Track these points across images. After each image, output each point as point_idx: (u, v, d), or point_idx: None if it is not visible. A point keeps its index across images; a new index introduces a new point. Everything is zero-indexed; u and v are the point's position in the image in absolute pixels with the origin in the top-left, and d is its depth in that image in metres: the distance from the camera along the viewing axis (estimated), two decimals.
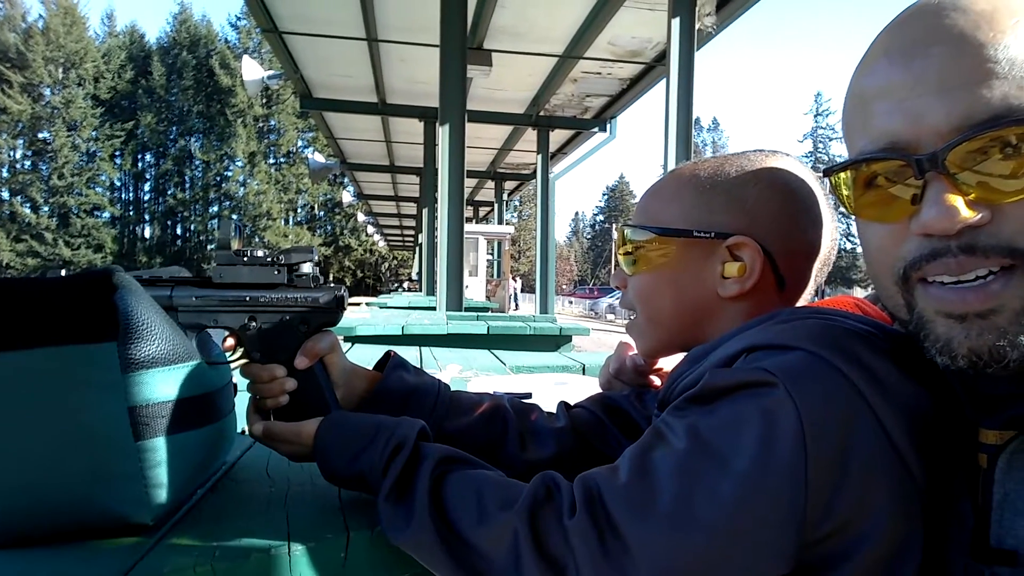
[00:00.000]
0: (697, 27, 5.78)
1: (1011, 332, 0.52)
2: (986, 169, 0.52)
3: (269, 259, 0.82)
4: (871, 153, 0.57)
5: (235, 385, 0.90)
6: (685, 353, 0.80)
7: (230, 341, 0.85)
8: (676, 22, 5.75)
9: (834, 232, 0.80)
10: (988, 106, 0.51)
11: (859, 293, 0.76)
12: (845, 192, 0.62)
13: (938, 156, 0.52)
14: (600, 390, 1.04)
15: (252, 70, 10.19)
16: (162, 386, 0.70)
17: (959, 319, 0.54)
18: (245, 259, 0.82)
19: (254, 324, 0.83)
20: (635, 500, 0.58)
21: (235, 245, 0.83)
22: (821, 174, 0.76)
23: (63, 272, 0.76)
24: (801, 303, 0.80)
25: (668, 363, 0.95)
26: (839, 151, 68.18)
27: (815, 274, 0.79)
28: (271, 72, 10.36)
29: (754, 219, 0.75)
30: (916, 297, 0.57)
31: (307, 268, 0.84)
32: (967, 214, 0.52)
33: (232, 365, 0.86)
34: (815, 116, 73.63)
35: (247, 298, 0.82)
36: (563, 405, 0.98)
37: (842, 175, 0.61)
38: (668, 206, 0.80)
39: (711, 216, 0.76)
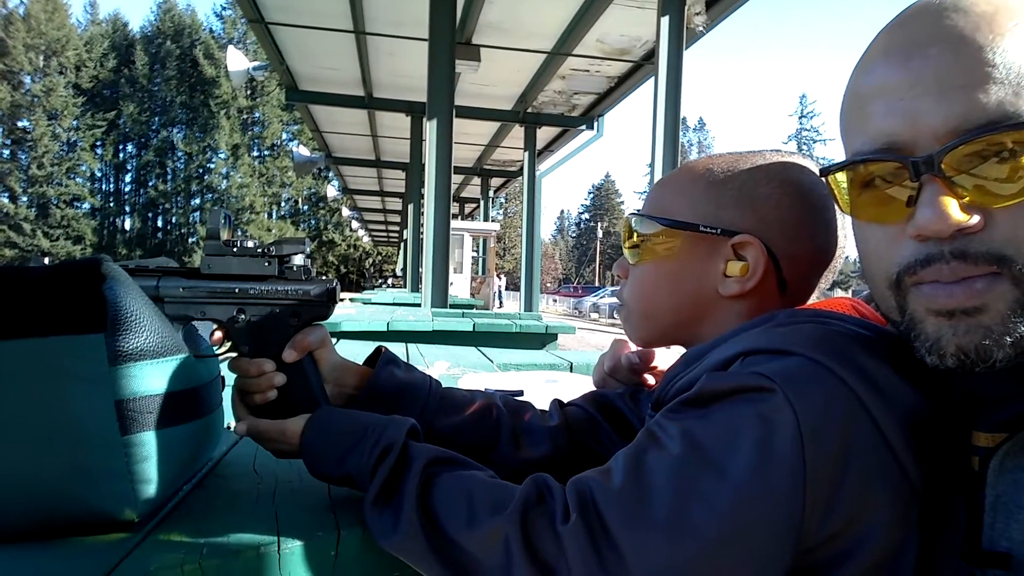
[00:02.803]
0: (687, 26, 5.79)
1: (996, 332, 0.52)
2: (981, 173, 0.52)
3: (260, 250, 0.81)
4: (867, 154, 0.57)
5: (223, 379, 0.88)
6: (682, 350, 0.79)
7: (218, 334, 0.83)
8: (665, 20, 5.75)
9: (843, 240, 0.78)
10: (984, 110, 0.50)
11: (839, 295, 0.76)
12: (841, 193, 0.61)
13: (934, 159, 0.52)
14: (593, 388, 1.03)
15: (237, 61, 10.09)
16: (150, 379, 0.69)
17: (948, 316, 0.54)
18: (235, 250, 0.80)
19: (243, 316, 0.81)
20: (630, 506, 0.57)
21: (225, 235, 0.81)
22: (818, 174, 0.75)
23: (47, 261, 0.74)
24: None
25: (664, 362, 0.94)
26: (823, 153, 68.98)
27: (820, 281, 0.78)
28: (256, 63, 10.26)
29: (762, 219, 0.74)
30: (908, 300, 0.57)
31: (299, 260, 0.82)
32: (961, 217, 0.52)
33: (220, 358, 0.84)
34: (800, 118, 74.26)
35: (236, 290, 0.80)
36: (556, 403, 0.97)
37: (839, 175, 0.61)
38: (677, 199, 0.79)
39: (719, 212, 0.75)
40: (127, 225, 58.73)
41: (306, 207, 60.56)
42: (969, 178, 0.52)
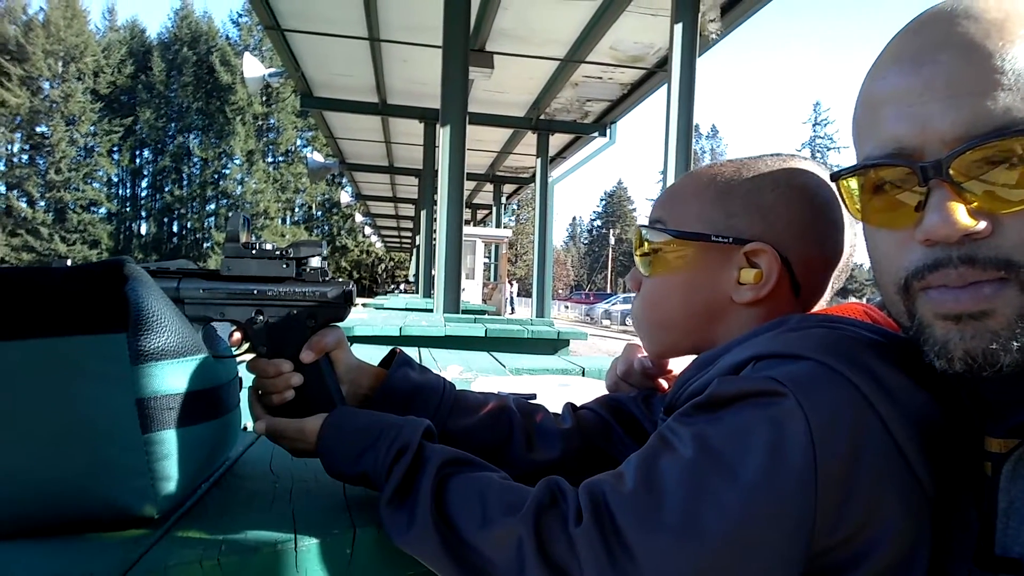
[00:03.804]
0: (703, 33, 5.78)
1: (1003, 337, 0.52)
2: (990, 178, 0.52)
3: (278, 252, 0.82)
4: (877, 158, 0.57)
5: (240, 380, 0.89)
6: (694, 356, 0.79)
7: (236, 335, 0.84)
8: (679, 28, 5.75)
9: (852, 239, 0.78)
10: (992, 116, 0.51)
11: (853, 302, 0.78)
12: (851, 198, 0.62)
13: (942, 164, 0.53)
14: (606, 392, 1.03)
15: (253, 67, 10.17)
16: (171, 379, 0.70)
17: (955, 320, 0.54)
18: (253, 252, 0.82)
19: (261, 318, 0.82)
20: (642, 509, 0.57)
21: (244, 238, 0.82)
22: (822, 176, 0.76)
23: (69, 263, 0.76)
24: (813, 309, 0.79)
25: (677, 366, 0.95)
26: (837, 161, 68.54)
27: (831, 281, 0.79)
28: (272, 70, 10.35)
29: (772, 225, 0.75)
30: (917, 305, 0.57)
31: (315, 262, 0.83)
32: (969, 222, 0.52)
33: (238, 359, 0.86)
34: (813, 125, 73.90)
35: (255, 291, 0.81)
36: (569, 406, 0.97)
37: (850, 181, 0.61)
38: (687, 208, 0.79)
39: (729, 220, 0.76)
40: (143, 230, 59.29)
41: (320, 213, 60.90)
42: (978, 184, 0.52)
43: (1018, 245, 0.52)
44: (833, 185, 0.66)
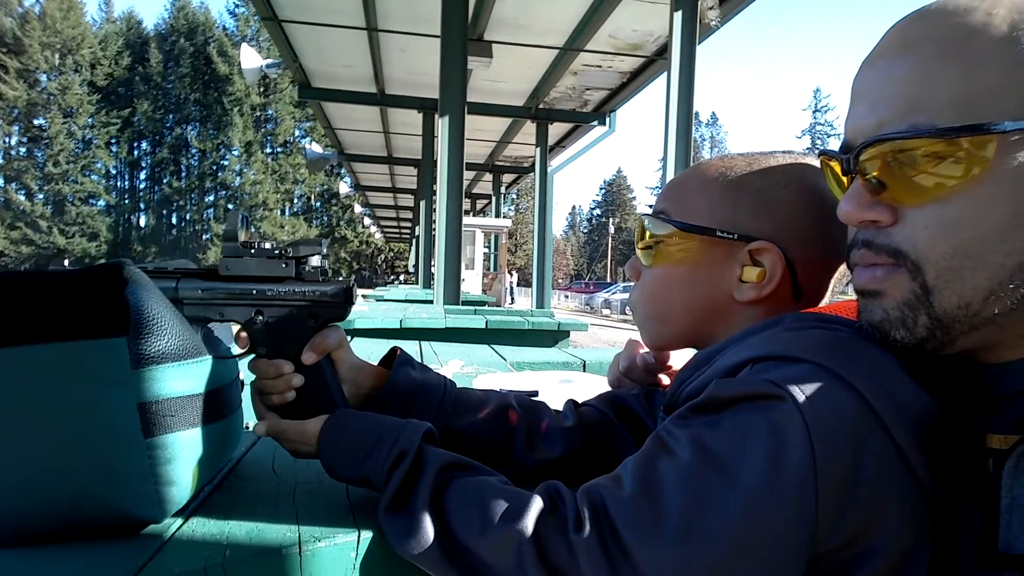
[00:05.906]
0: (702, 21, 5.76)
1: (892, 315, 0.59)
2: (899, 175, 0.56)
3: (277, 252, 0.81)
4: (826, 150, 0.65)
5: (242, 381, 0.89)
6: (695, 351, 0.79)
7: (243, 335, 0.83)
8: (678, 15, 5.74)
9: None
10: (898, 120, 0.55)
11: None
12: (830, 182, 0.68)
13: (851, 158, 0.59)
14: (607, 388, 1.03)
15: (250, 58, 10.12)
16: (172, 382, 0.69)
17: (861, 295, 0.62)
18: (252, 251, 0.81)
19: (261, 318, 0.81)
20: (641, 515, 0.57)
21: (242, 237, 0.81)
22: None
23: (66, 263, 0.75)
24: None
25: (679, 362, 0.94)
26: (837, 148, 68.43)
27: (832, 284, 0.78)
28: (269, 61, 10.30)
29: (780, 224, 0.74)
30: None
31: (315, 261, 0.82)
32: (869, 211, 0.58)
33: (239, 360, 0.85)
34: (813, 112, 73.72)
35: (254, 291, 0.81)
36: (571, 403, 0.97)
37: (827, 167, 0.67)
38: (693, 201, 0.78)
39: (736, 216, 0.75)
40: (142, 222, 59.24)
41: (319, 203, 60.83)
42: (891, 178, 0.57)
43: (909, 236, 0.57)
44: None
